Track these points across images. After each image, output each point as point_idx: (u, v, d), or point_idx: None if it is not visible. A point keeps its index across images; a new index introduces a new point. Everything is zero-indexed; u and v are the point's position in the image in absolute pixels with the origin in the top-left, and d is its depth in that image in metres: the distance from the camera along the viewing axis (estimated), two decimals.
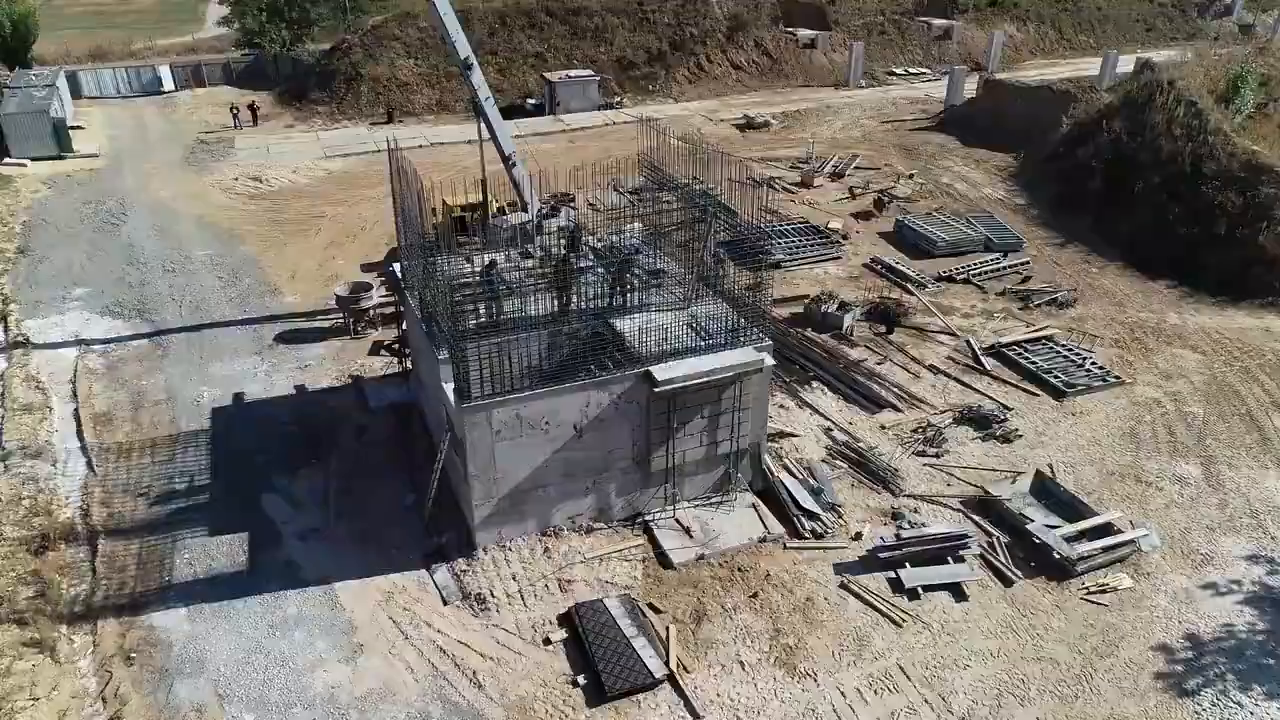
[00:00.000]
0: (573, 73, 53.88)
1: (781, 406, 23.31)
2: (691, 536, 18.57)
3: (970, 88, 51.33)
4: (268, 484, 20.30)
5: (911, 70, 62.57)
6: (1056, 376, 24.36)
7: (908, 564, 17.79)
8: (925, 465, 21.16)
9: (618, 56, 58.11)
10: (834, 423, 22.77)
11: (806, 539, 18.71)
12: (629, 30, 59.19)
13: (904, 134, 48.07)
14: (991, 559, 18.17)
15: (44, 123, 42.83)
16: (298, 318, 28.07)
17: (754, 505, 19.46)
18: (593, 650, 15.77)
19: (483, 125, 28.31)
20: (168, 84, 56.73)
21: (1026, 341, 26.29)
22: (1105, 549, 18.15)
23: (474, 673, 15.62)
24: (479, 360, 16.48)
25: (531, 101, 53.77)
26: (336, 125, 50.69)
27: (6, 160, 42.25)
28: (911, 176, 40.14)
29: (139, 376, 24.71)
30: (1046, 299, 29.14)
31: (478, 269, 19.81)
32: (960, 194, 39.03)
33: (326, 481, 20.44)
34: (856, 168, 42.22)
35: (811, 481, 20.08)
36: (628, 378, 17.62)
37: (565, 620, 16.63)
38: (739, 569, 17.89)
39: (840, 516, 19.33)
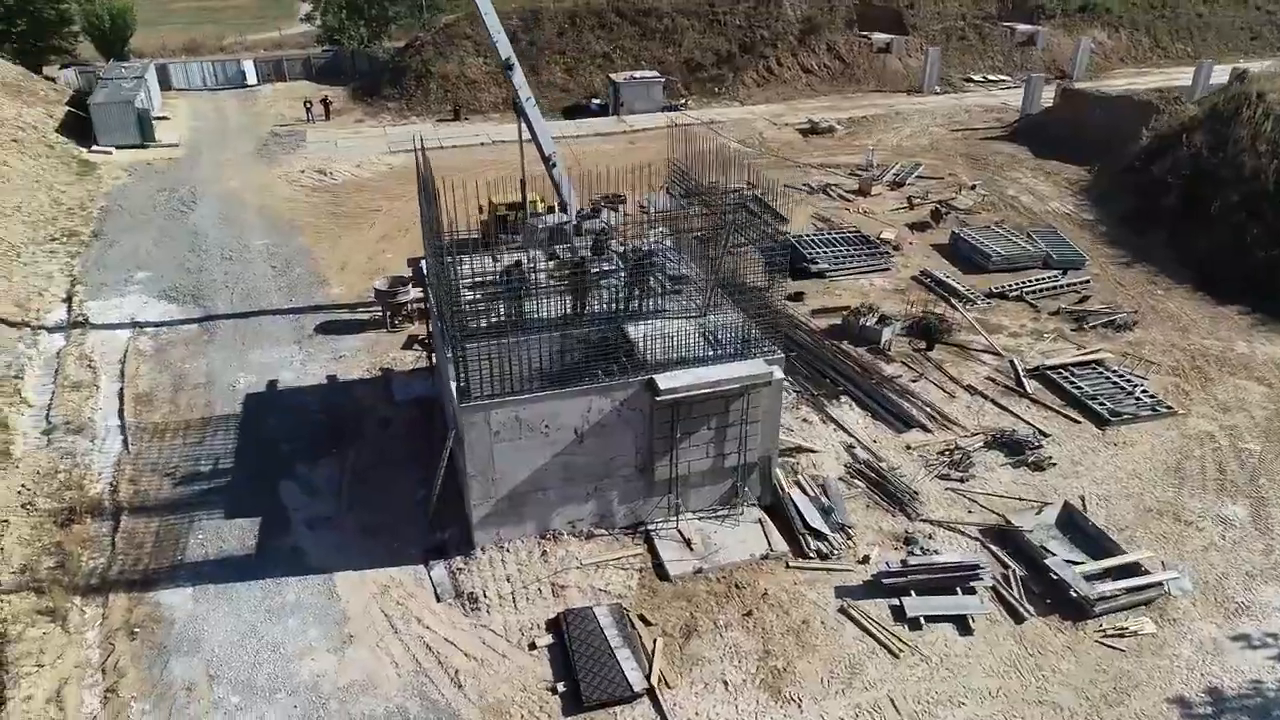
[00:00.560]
0: (638, 74, 53.86)
1: (805, 420, 22.76)
2: (692, 549, 18.25)
3: (1048, 96, 49.32)
4: (288, 471, 20.80)
5: (990, 77, 60.52)
6: (1102, 403, 23.12)
7: (913, 592, 17.12)
8: (948, 489, 20.34)
9: (686, 58, 57.85)
10: (857, 440, 22.10)
11: (811, 559, 18.19)
12: (698, 32, 58.88)
13: (973, 143, 46.50)
14: (1004, 593, 17.32)
15: (129, 113, 44.97)
16: (339, 309, 28.74)
17: (760, 521, 19.01)
18: (575, 658, 15.63)
19: (523, 125, 28.32)
20: (251, 78, 58.97)
21: (1074, 365, 25.04)
22: (1129, 590, 17.10)
23: (456, 672, 15.66)
24: (479, 360, 16.52)
25: (596, 102, 54.00)
26: (404, 121, 51.84)
27: (94, 148, 44.51)
28: (974, 188, 38.75)
29: (183, 360, 25.67)
30: (1103, 320, 27.72)
31: (505, 267, 19.87)
32: (1025, 207, 37.50)
33: (343, 471, 20.83)
34: (918, 177, 41.01)
35: (823, 500, 19.52)
36: (631, 384, 17.42)
37: (553, 626, 16.53)
38: (737, 585, 17.50)
39: (849, 538, 18.72)
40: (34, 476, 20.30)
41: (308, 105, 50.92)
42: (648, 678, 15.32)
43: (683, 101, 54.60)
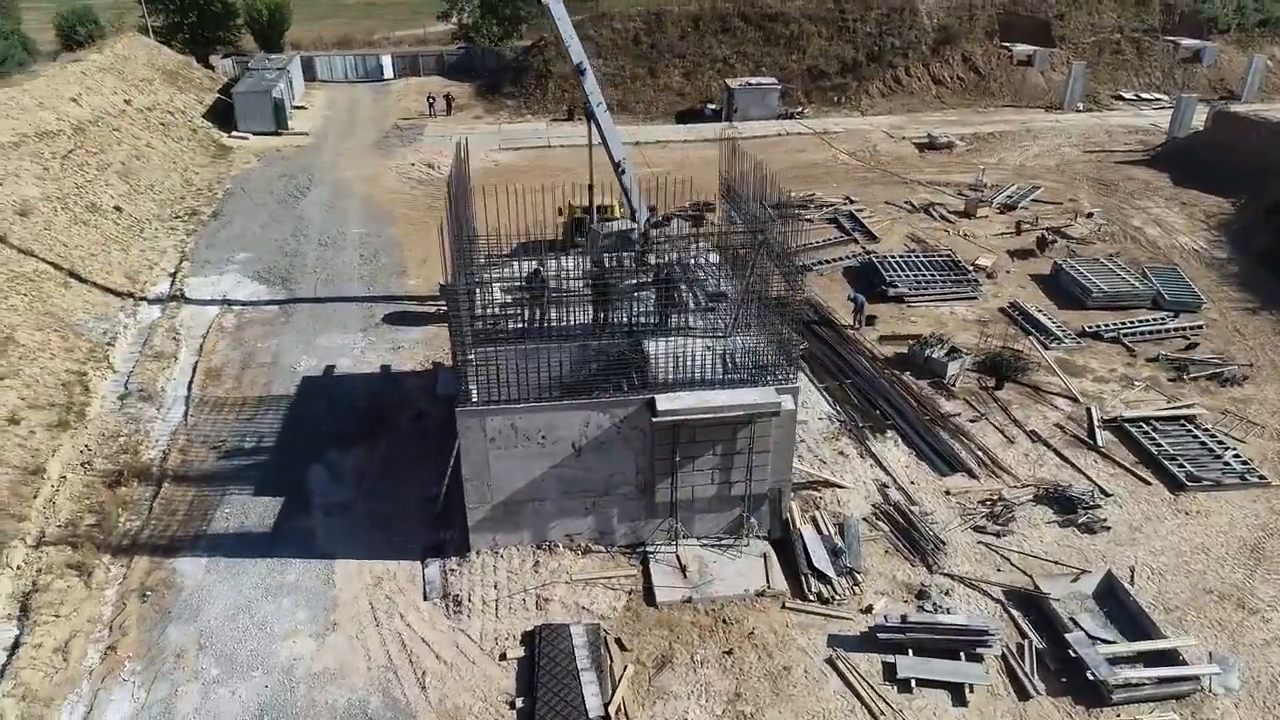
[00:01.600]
0: (753, 80, 52.91)
1: (841, 453, 21.64)
2: (685, 576, 17.67)
3: (1200, 119, 44.98)
4: (321, 455, 21.61)
5: (1144, 95, 55.83)
6: (1181, 465, 20.82)
7: (910, 651, 15.92)
8: (980, 543, 18.83)
9: (809, 65, 56.39)
10: (894, 479, 20.81)
11: (810, 601, 17.25)
12: (825, 39, 57.26)
13: (1107, 166, 43.02)
14: (1014, 664, 15.84)
15: (266, 102, 48.13)
16: (409, 301, 29.67)
17: (765, 555, 18.19)
18: (540, 675, 15.44)
19: (594, 130, 28.29)
20: (388, 72, 61.90)
21: (1160, 419, 22.68)
22: (1159, 680, 15.28)
23: (423, 673, 15.78)
24: (476, 366, 16.58)
25: (712, 107, 53.44)
26: (520, 119, 53.04)
27: (233, 133, 47.91)
28: (1090, 215, 35.79)
29: (257, 339, 27.17)
30: (1208, 372, 24.98)
31: (526, 274, 19.93)
32: (1148, 240, 34.35)
33: (370, 461, 21.45)
34: (1033, 200, 38.32)
35: (836, 540, 18.47)
36: (631, 402, 17.02)
37: (528, 639, 16.39)
38: (724, 620, 16.81)
39: (856, 584, 17.63)
40: (99, 438, 21.98)
41: (430, 100, 52.93)
42: (606, 705, 14.93)
43: (799, 109, 53.24)
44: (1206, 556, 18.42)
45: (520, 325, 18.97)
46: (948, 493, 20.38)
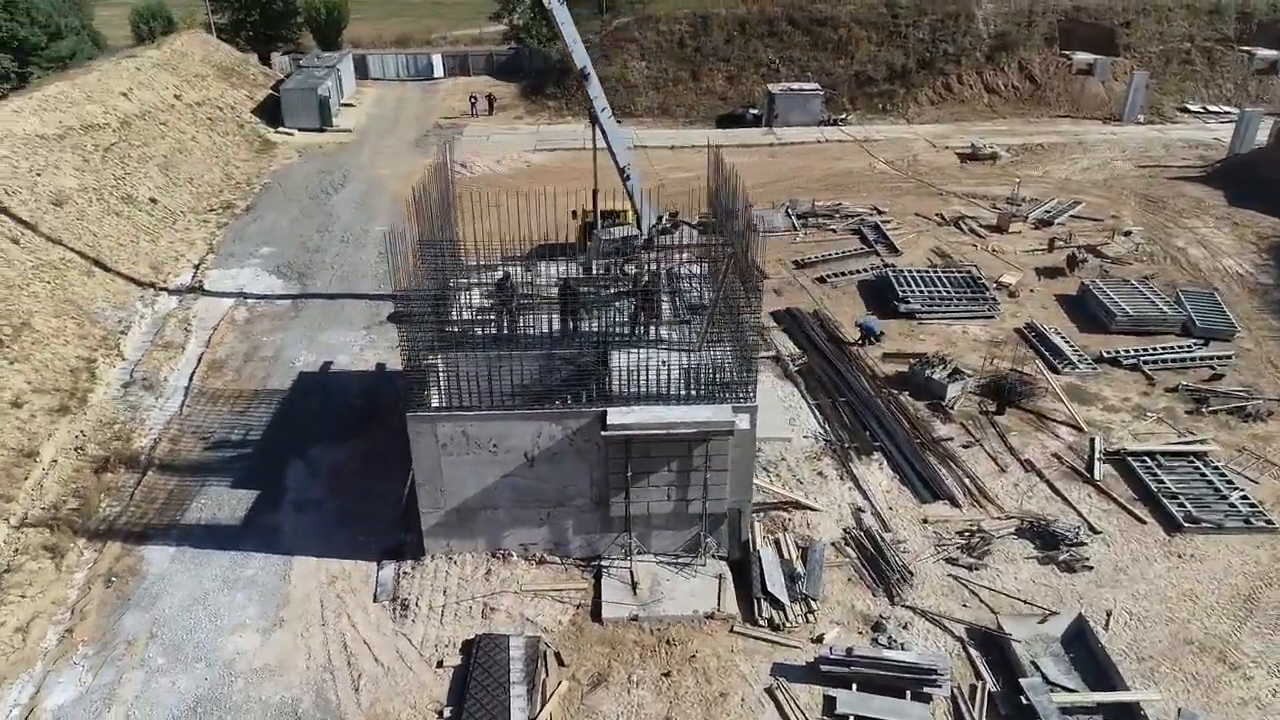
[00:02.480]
0: (795, 85, 52.08)
1: (820, 474, 21.04)
2: (636, 593, 17.37)
3: (1264, 135, 42.57)
4: (302, 451, 21.94)
5: (1211, 108, 53.21)
6: (1181, 504, 19.64)
7: (854, 686, 15.34)
8: (950, 576, 18.06)
9: (856, 71, 55.27)
10: (872, 503, 20.13)
11: (759, 627, 16.77)
12: (875, 44, 56.03)
13: (1159, 182, 41.05)
14: (963, 706, 15.12)
15: (312, 99, 49.31)
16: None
17: (720, 576, 17.77)
18: (470, 686, 15.34)
19: (599, 135, 28.13)
20: (438, 71, 62.89)
21: (1167, 454, 21.45)
22: None
23: (359, 676, 15.84)
24: (426, 371, 16.57)
25: (753, 112, 52.82)
26: (560, 121, 53.23)
27: (279, 129, 49.22)
28: (1129, 233, 34.14)
29: (265, 333, 27.78)
30: (1230, 405, 23.54)
31: (496, 281, 19.87)
32: (1190, 262, 32.63)
33: (350, 459, 21.68)
34: (1072, 216, 36.78)
35: (796, 564, 17.94)
36: (584, 414, 16.80)
37: (467, 648, 16.30)
38: (668, 641, 16.47)
39: (811, 611, 17.08)
40: (96, 424, 22.72)
41: (472, 100, 53.54)
42: None
43: (843, 116, 52.18)
44: (1193, 604, 17.32)
45: (482, 332, 18.90)
46: (925, 521, 19.62)
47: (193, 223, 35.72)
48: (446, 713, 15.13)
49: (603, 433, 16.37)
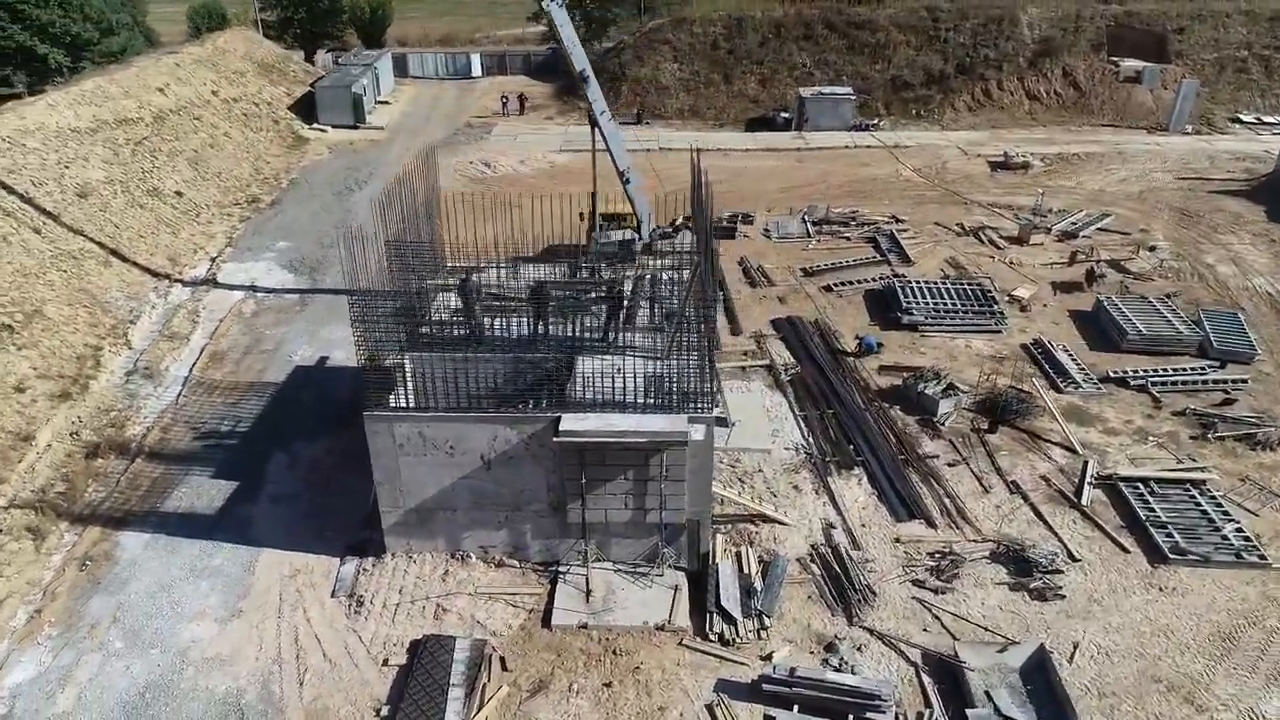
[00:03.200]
0: (826, 89, 51.35)
1: (795, 487, 20.67)
2: (588, 601, 17.27)
3: None
4: (286, 444, 22.31)
5: (1266, 119, 51.00)
6: (1170, 535, 18.82)
7: (796, 707, 15.02)
8: (914, 598, 17.58)
9: (893, 76, 54.28)
10: (845, 519, 19.71)
11: (710, 641, 16.53)
12: (913, 49, 54.95)
13: (1198, 196, 39.46)
14: None
15: (345, 97, 50.20)
16: None
17: (676, 587, 17.56)
18: (409, 686, 15.42)
19: (599, 138, 28.09)
20: (476, 70, 63.51)
21: (1162, 480, 20.58)
22: None
23: (306, 671, 16.03)
24: (383, 370, 16.70)
25: (784, 115, 52.21)
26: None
27: (314, 125, 50.21)
28: (1153, 249, 32.88)
29: (268, 326, 28.34)
30: (1239, 432, 22.50)
31: (458, 282, 19.95)
32: (1218, 279, 31.30)
33: (329, 453, 21.96)
34: (1099, 229, 35.57)
35: (755, 579, 17.63)
36: (540, 419, 16.74)
37: (414, 647, 16.37)
38: (615, 651, 16.33)
39: (764, 627, 16.77)
40: (93, 411, 23.41)
41: (504, 99, 53.93)
42: None
43: (875, 121, 51.29)
44: (1167, 640, 16.57)
45: (445, 333, 18.99)
46: (898, 540, 19.13)
47: (216, 216, 36.62)
48: (384, 711, 15.21)
49: (555, 439, 16.30)
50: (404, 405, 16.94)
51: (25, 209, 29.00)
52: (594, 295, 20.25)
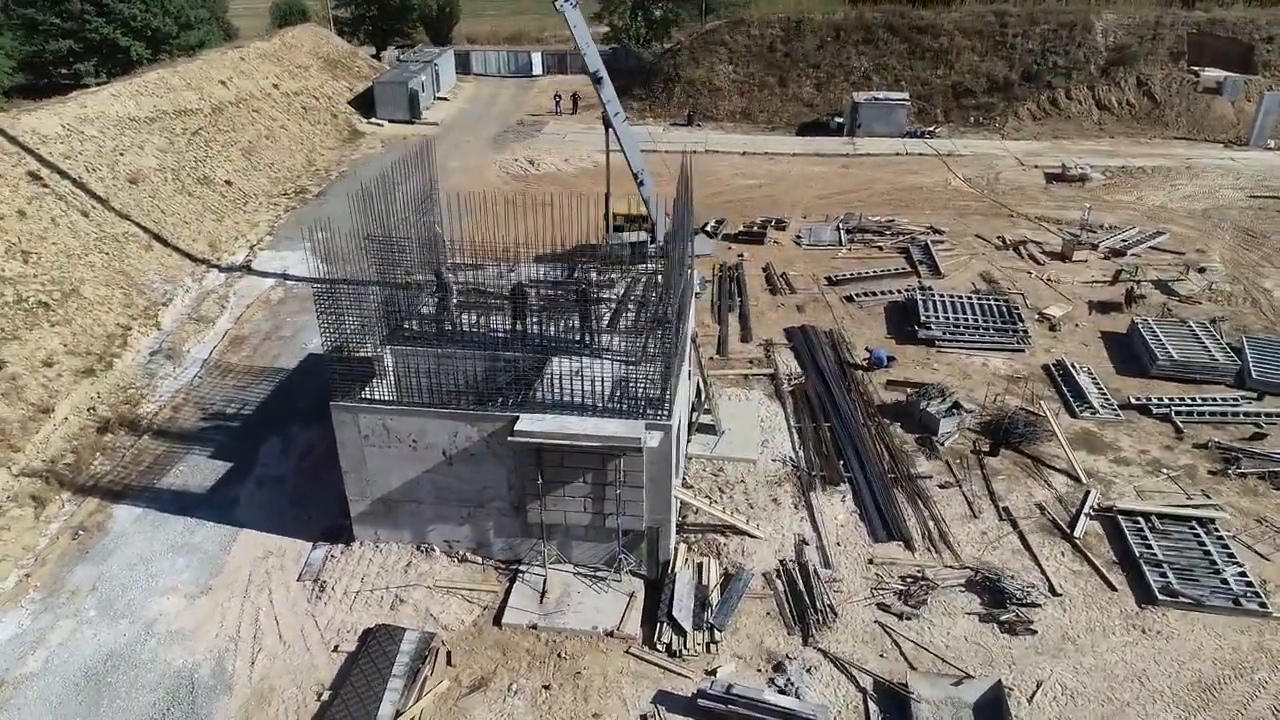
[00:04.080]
0: (881, 94, 50.15)
1: (774, 500, 20.25)
2: (542, 602, 17.26)
3: None
4: (283, 429, 22.96)
5: None
6: (1164, 574, 17.76)
7: None
8: (876, 622, 17.01)
9: (954, 82, 52.70)
10: (820, 537, 19.21)
11: (657, 651, 16.33)
12: (978, 54, 53.23)
13: (1267, 216, 37.19)
14: None
15: (402, 93, 51.40)
16: None
17: (632, 595, 17.40)
18: (352, 674, 15.68)
19: (613, 139, 28.03)
20: (536, 69, 64.23)
21: (1165, 516, 19.43)
22: None
23: (259, 651, 16.44)
24: (350, 361, 17.02)
25: (838, 120, 51.27)
26: (640, 122, 53.07)
27: (372, 119, 51.56)
28: (1203, 270, 31.07)
29: (291, 313, 29.20)
30: (1264, 469, 21.08)
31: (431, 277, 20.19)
32: (1272, 305, 29.42)
33: (323, 439, 22.46)
34: (1151, 247, 33.81)
35: (712, 592, 17.34)
36: (499, 418, 16.80)
37: (366, 636, 16.64)
38: (560, 654, 16.28)
39: (714, 641, 16.48)
40: (112, 388, 24.51)
41: (557, 98, 54.38)
42: (395, 717, 14.91)
43: (931, 129, 49.89)
44: (1141, 686, 15.63)
45: (418, 328, 19.23)
46: (871, 561, 18.54)
47: (263, 205, 37.94)
48: (325, 695, 15.51)
49: (509, 438, 16.35)
50: (370, 397, 17.23)
51: (77, 193, 30.56)
52: (569, 297, 20.23)
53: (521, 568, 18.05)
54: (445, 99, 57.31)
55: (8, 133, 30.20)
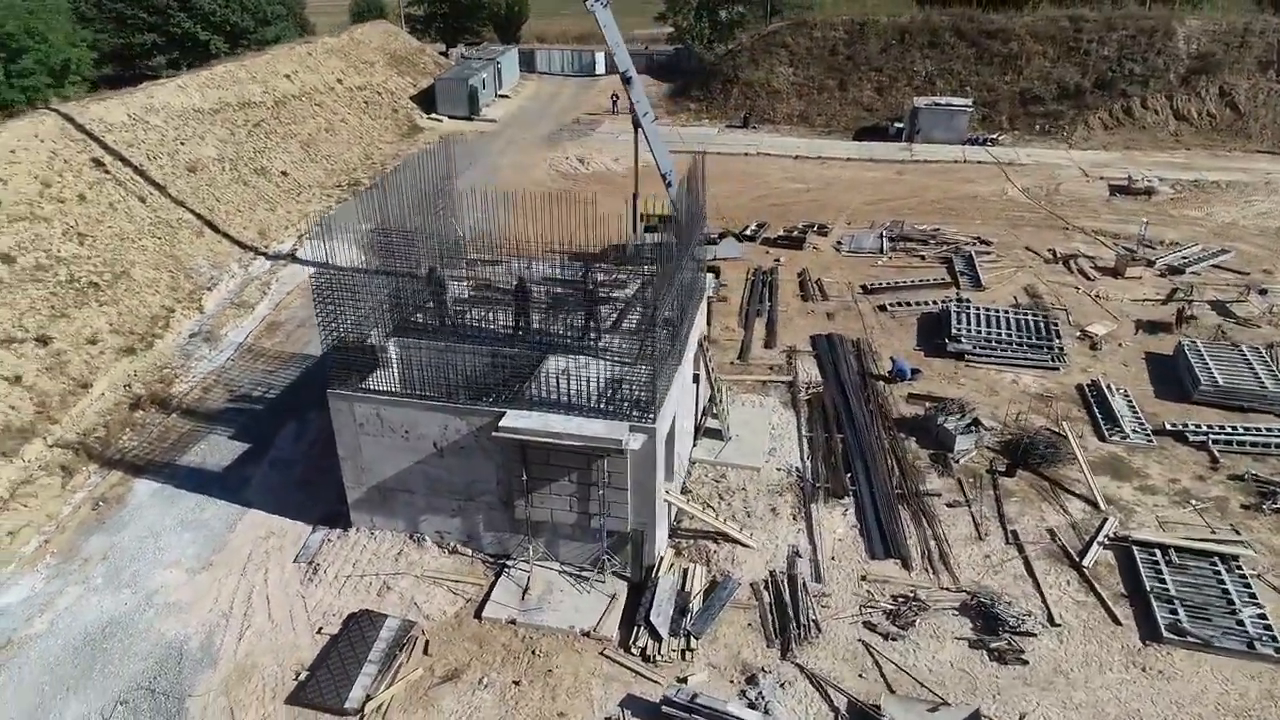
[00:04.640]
0: (942, 99, 48.79)
1: (773, 509, 19.92)
2: (524, 598, 17.34)
3: None
4: (300, 414, 23.58)
5: None
6: (1173, 611, 16.84)
7: None
8: (860, 640, 16.58)
9: (1022, 88, 50.95)
10: (815, 550, 18.82)
11: (631, 655, 16.24)
12: (1049, 60, 51.33)
13: None
14: None
15: (462, 89, 52.28)
16: None
17: (614, 596, 17.34)
18: (330, 656, 16.04)
19: (641, 139, 27.97)
20: (599, 68, 64.49)
21: (1185, 549, 18.42)
22: None
23: (248, 628, 16.95)
24: (348, 351, 17.41)
25: (898, 125, 50.09)
26: (695, 123, 53.04)
27: (432, 115, 52.59)
28: (1264, 292, 29.32)
29: None
30: None
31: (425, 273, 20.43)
32: None
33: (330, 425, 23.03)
34: (1214, 266, 32.11)
35: (694, 599, 17.15)
36: (487, 413, 16.95)
37: (349, 620, 16.98)
38: (535, 651, 16.34)
39: (690, 648, 16.30)
40: (150, 366, 25.58)
41: (614, 98, 54.51)
42: (365, 701, 15.19)
43: (995, 136, 48.36)
44: None
45: (419, 321, 19.51)
46: (864, 578, 18.08)
47: (316, 196, 39.08)
48: (303, 675, 15.89)
49: (493, 434, 16.47)
50: (365, 386, 17.58)
51: (136, 180, 32.00)
52: (572, 295, 20.27)
53: (509, 563, 18.18)
54: (506, 96, 58.09)
55: (75, 120, 31.80)
